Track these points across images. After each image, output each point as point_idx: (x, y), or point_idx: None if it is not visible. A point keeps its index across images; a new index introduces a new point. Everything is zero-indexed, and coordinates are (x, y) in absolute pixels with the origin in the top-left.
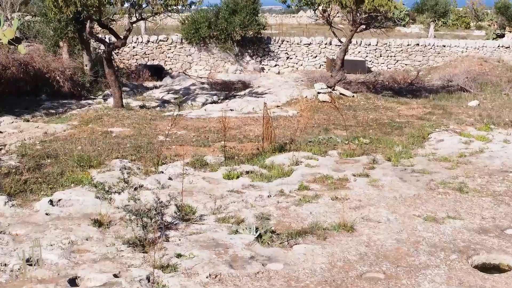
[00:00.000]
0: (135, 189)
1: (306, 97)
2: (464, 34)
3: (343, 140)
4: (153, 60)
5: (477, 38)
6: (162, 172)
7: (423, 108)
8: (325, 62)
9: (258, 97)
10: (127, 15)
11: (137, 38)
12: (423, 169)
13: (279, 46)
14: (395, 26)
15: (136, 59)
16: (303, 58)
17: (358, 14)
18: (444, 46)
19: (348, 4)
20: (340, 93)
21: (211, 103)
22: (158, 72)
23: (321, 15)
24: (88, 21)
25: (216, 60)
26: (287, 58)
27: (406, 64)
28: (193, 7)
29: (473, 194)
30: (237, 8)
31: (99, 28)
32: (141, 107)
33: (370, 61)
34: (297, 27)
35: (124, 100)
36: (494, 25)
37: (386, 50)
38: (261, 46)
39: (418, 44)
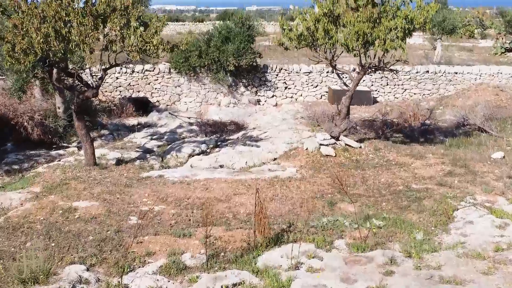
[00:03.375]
0: None
1: (307, 149)
2: (470, 46)
3: (351, 222)
4: (138, 92)
5: (484, 49)
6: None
7: (441, 164)
8: (326, 92)
9: (252, 145)
10: (98, 63)
11: (121, 68)
12: (454, 276)
13: (277, 75)
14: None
15: (120, 91)
16: (302, 88)
17: (366, 58)
18: (456, 73)
19: (356, 48)
20: (346, 144)
21: (199, 153)
22: (143, 106)
23: (324, 58)
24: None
25: (208, 91)
26: (285, 88)
27: (414, 93)
28: None
29: None
30: (231, 36)
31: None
32: (118, 162)
33: (376, 90)
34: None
35: (100, 151)
36: (502, 38)
37: (393, 78)
38: (257, 75)
39: (428, 71)
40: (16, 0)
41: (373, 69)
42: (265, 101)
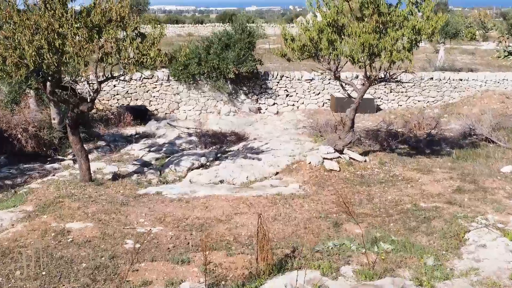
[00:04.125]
0: None
1: (310, 163)
2: (472, 48)
3: (358, 246)
4: (136, 100)
5: (486, 52)
6: None
7: (449, 179)
8: (329, 99)
9: (253, 158)
10: (93, 75)
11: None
12: None
13: (278, 82)
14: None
15: (118, 99)
16: (304, 95)
17: (372, 70)
18: (461, 80)
19: (361, 60)
20: (350, 157)
21: (198, 167)
22: (141, 115)
23: (327, 69)
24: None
25: (207, 100)
26: (287, 95)
27: (418, 101)
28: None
29: None
30: (231, 42)
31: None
32: (115, 176)
33: (379, 98)
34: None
35: (96, 164)
36: (505, 41)
37: (397, 85)
38: (258, 82)
39: (432, 78)
40: (7, 10)
41: (379, 81)
42: (266, 109)
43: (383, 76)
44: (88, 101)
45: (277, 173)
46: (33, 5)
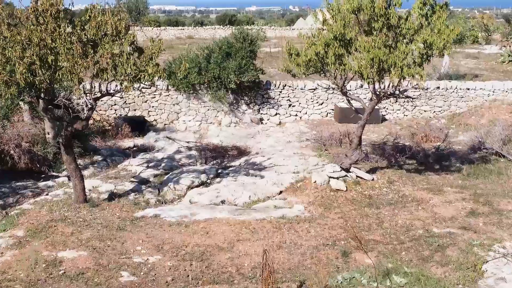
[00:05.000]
0: None
1: (315, 182)
2: (475, 52)
3: (369, 280)
4: (135, 110)
5: (490, 57)
6: None
7: (461, 200)
8: (332, 110)
9: (256, 176)
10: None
11: (116, 85)
12: None
13: (280, 92)
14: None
15: (115, 110)
16: (307, 105)
17: (381, 86)
18: (468, 89)
19: (370, 76)
20: (357, 176)
21: (199, 185)
22: (139, 126)
23: (334, 83)
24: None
25: (208, 110)
26: (289, 105)
27: (425, 111)
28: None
29: None
30: (232, 51)
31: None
32: (111, 196)
33: (384, 108)
34: (297, 43)
35: (92, 182)
36: (510, 45)
37: (405, 100)
38: (260, 92)
39: (438, 87)
40: None
41: (388, 96)
42: (268, 120)
43: (392, 91)
44: (83, 118)
45: (280, 192)
46: (26, 19)
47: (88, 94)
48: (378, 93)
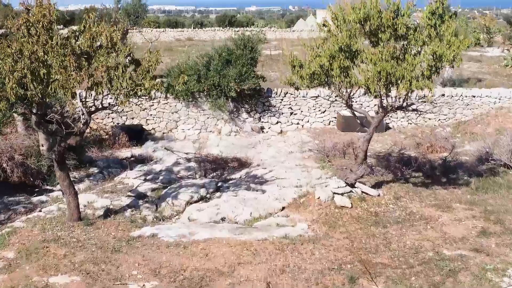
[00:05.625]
0: None
1: (319, 198)
2: (478, 55)
3: None
4: (133, 119)
5: (493, 60)
6: None
7: (471, 218)
8: (335, 118)
9: (257, 190)
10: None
11: (112, 98)
12: None
13: (282, 99)
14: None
15: (112, 118)
16: (309, 113)
17: (388, 99)
18: (474, 96)
19: (377, 90)
20: (362, 192)
21: (198, 200)
22: (137, 135)
23: (339, 96)
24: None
25: (207, 118)
26: (291, 113)
27: (429, 119)
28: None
29: None
30: (232, 58)
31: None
32: (107, 213)
33: (388, 116)
34: (297, 45)
35: (87, 197)
36: None
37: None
38: (260, 100)
39: (443, 95)
40: None
41: (395, 109)
42: (269, 128)
43: (399, 105)
44: (77, 134)
45: (283, 208)
46: (16, 30)
47: (82, 109)
48: (385, 106)
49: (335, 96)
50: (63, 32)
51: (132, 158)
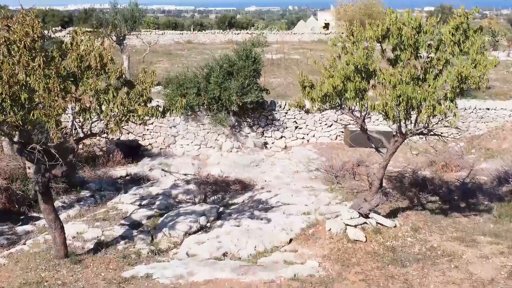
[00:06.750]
0: None
1: (330, 230)
2: None
3: None
4: (128, 133)
5: (500, 66)
6: None
7: (499, 254)
8: (342, 132)
9: (261, 218)
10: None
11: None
12: None
13: (286, 113)
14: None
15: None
16: (315, 127)
17: (407, 124)
18: (488, 109)
19: (396, 115)
20: (377, 222)
21: (197, 230)
22: (133, 151)
23: (353, 119)
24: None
25: (208, 133)
26: (296, 128)
27: (442, 133)
28: None
29: None
30: (233, 70)
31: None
32: (97, 247)
33: None
34: (298, 47)
35: (76, 227)
36: None
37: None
38: (263, 113)
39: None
40: None
41: (415, 134)
42: (272, 143)
43: (420, 131)
44: (62, 164)
45: (290, 240)
46: None
47: (69, 137)
48: (404, 132)
49: (350, 120)
50: (59, 35)
51: (127, 177)
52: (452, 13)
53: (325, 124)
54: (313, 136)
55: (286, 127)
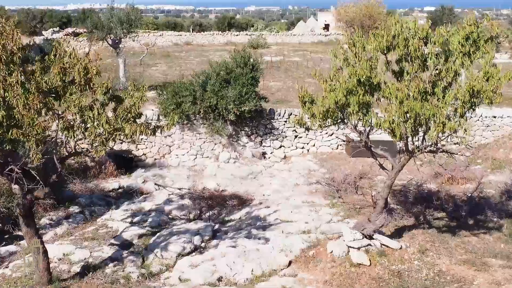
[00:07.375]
0: None
1: (332, 252)
2: None
3: None
4: (121, 143)
5: (504, 69)
6: None
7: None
8: (343, 141)
9: (259, 238)
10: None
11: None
12: None
13: (285, 121)
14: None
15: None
16: (315, 136)
17: (415, 142)
18: (495, 117)
19: (404, 132)
20: (382, 244)
21: (191, 251)
22: (126, 162)
23: (355, 135)
24: None
25: (204, 142)
26: (295, 137)
27: (447, 141)
28: None
29: None
30: (231, 78)
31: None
32: (84, 270)
33: None
34: (298, 49)
35: (62, 248)
36: None
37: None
38: (262, 122)
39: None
40: None
41: (423, 152)
42: (271, 153)
43: (429, 149)
44: (45, 185)
45: (290, 262)
46: None
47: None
48: (411, 150)
49: (353, 135)
50: (57, 36)
51: (120, 190)
52: (453, 13)
53: (326, 133)
54: (313, 145)
55: (286, 136)
